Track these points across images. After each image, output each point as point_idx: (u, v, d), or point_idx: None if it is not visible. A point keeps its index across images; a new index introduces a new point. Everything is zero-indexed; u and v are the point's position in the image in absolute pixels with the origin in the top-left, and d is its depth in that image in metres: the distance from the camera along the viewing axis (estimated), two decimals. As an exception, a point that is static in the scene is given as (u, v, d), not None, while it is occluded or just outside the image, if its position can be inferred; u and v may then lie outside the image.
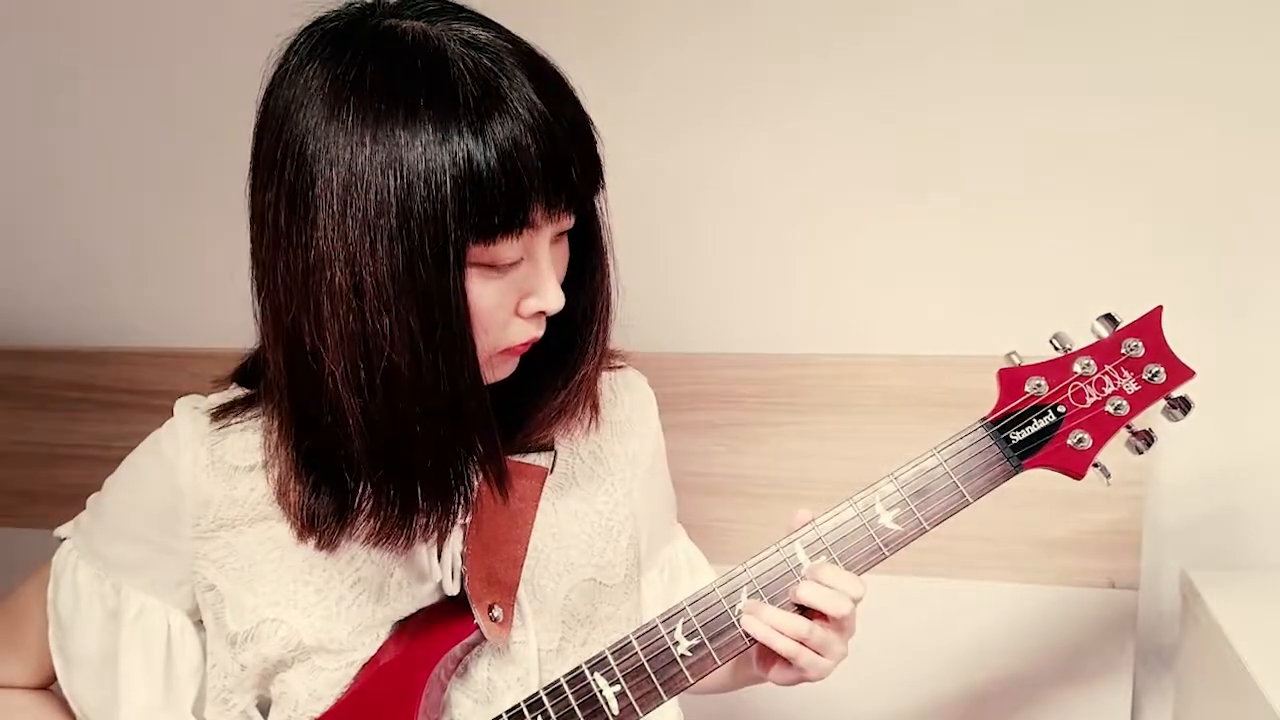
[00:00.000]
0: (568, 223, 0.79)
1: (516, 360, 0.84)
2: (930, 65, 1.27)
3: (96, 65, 1.58)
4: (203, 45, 1.53)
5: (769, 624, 0.83)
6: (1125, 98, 1.22)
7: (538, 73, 0.75)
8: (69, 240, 1.65)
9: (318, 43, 0.75)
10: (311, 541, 0.84)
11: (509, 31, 0.77)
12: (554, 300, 0.79)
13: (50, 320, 1.68)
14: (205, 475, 0.86)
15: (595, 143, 0.79)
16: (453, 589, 0.88)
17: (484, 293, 0.76)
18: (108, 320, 1.65)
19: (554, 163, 0.74)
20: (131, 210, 1.61)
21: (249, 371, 0.89)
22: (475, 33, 0.74)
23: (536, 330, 0.81)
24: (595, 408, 0.91)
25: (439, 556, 0.88)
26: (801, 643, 0.83)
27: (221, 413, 0.87)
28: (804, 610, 0.84)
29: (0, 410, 1.66)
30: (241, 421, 0.87)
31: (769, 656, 0.87)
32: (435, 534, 0.84)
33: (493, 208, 0.72)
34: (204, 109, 1.54)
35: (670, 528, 1.07)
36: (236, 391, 0.89)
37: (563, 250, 0.82)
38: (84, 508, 0.94)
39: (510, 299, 0.78)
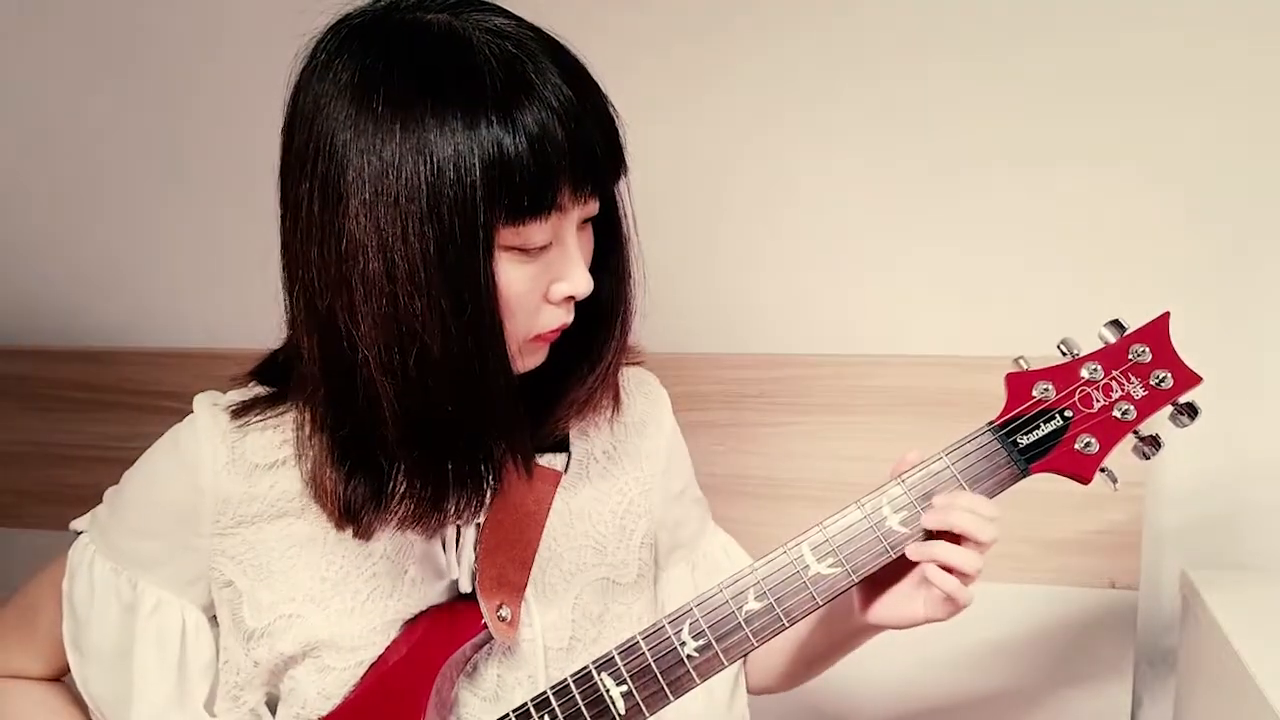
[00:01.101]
0: (593, 207, 0.81)
1: (546, 349, 0.85)
2: (934, 67, 1.27)
3: (100, 66, 1.58)
4: (208, 45, 1.53)
5: (932, 557, 0.83)
6: (1127, 99, 1.22)
7: (561, 60, 0.77)
8: (72, 241, 1.65)
9: (345, 39, 0.76)
10: (349, 530, 0.84)
11: (529, 22, 0.79)
12: (583, 284, 0.81)
13: (53, 321, 1.67)
14: (225, 472, 0.86)
15: (618, 128, 0.80)
16: (468, 586, 0.88)
17: (515, 277, 0.77)
18: (111, 321, 1.65)
19: (580, 146, 0.75)
20: (135, 211, 1.61)
21: (270, 370, 0.90)
22: (499, 22, 0.76)
23: (566, 316, 0.83)
24: (616, 398, 0.92)
25: (457, 552, 0.88)
26: (957, 570, 0.84)
27: (243, 410, 0.88)
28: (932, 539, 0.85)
29: (3, 410, 1.65)
30: (263, 419, 0.87)
31: (874, 595, 0.88)
32: (466, 515, 0.85)
33: (522, 190, 0.73)
34: (209, 109, 1.54)
35: (700, 523, 1.06)
36: (258, 389, 0.90)
37: (588, 237, 0.83)
38: (87, 508, 0.94)
39: (540, 284, 0.80)
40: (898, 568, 0.86)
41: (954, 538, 0.84)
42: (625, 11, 1.36)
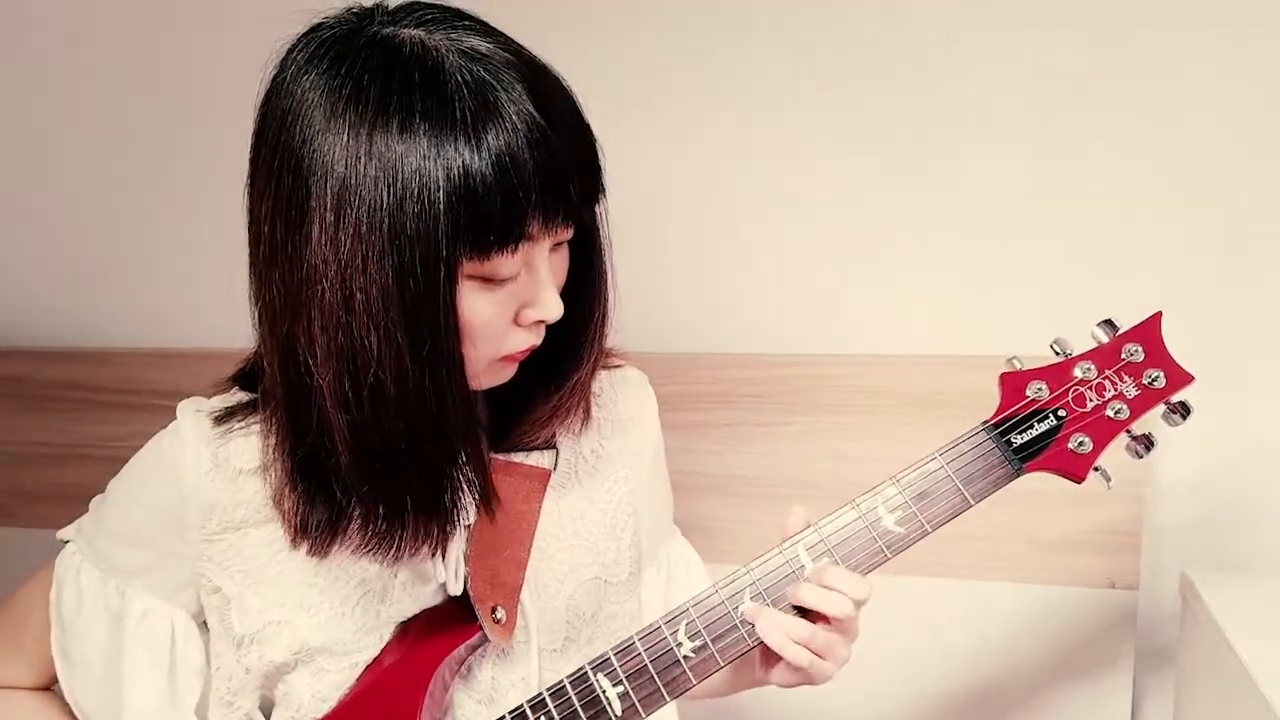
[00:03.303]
0: (566, 234, 0.79)
1: (514, 367, 0.84)
2: (931, 65, 1.27)
3: (96, 65, 1.58)
4: (201, 45, 1.53)
5: (774, 627, 0.83)
6: (1125, 100, 1.22)
7: (536, 84, 0.74)
8: (69, 241, 1.65)
9: (315, 52, 0.74)
10: (304, 548, 0.84)
11: (509, 39, 0.76)
12: (554, 310, 0.79)
13: (50, 321, 1.68)
14: (209, 478, 0.86)
15: (595, 153, 0.78)
16: (456, 589, 0.88)
17: (481, 305, 0.76)
18: (108, 321, 1.65)
19: (551, 176, 0.73)
20: (131, 211, 1.61)
21: (249, 375, 0.89)
22: (474, 43, 0.74)
23: (535, 338, 0.81)
24: (587, 409, 0.91)
25: (443, 558, 0.88)
26: (805, 646, 0.83)
27: (225, 416, 0.87)
28: (806, 613, 0.84)
29: (0, 410, 1.66)
30: (245, 425, 0.87)
31: (772, 658, 0.87)
32: (424, 547, 0.83)
33: (488, 222, 0.71)
34: (204, 109, 1.54)
35: (669, 526, 1.07)
36: (239, 395, 0.89)
37: (561, 258, 0.81)
38: (84, 509, 0.94)
39: (509, 309, 0.78)
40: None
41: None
42: (621, 9, 1.35)
